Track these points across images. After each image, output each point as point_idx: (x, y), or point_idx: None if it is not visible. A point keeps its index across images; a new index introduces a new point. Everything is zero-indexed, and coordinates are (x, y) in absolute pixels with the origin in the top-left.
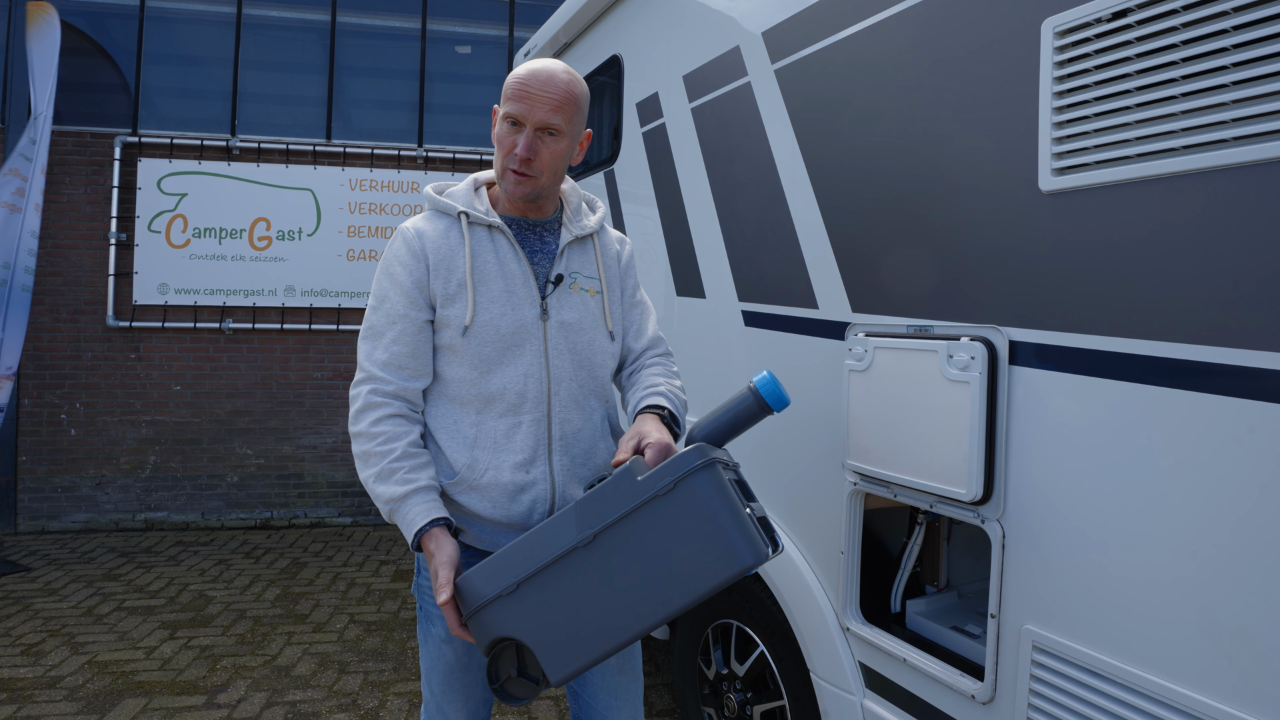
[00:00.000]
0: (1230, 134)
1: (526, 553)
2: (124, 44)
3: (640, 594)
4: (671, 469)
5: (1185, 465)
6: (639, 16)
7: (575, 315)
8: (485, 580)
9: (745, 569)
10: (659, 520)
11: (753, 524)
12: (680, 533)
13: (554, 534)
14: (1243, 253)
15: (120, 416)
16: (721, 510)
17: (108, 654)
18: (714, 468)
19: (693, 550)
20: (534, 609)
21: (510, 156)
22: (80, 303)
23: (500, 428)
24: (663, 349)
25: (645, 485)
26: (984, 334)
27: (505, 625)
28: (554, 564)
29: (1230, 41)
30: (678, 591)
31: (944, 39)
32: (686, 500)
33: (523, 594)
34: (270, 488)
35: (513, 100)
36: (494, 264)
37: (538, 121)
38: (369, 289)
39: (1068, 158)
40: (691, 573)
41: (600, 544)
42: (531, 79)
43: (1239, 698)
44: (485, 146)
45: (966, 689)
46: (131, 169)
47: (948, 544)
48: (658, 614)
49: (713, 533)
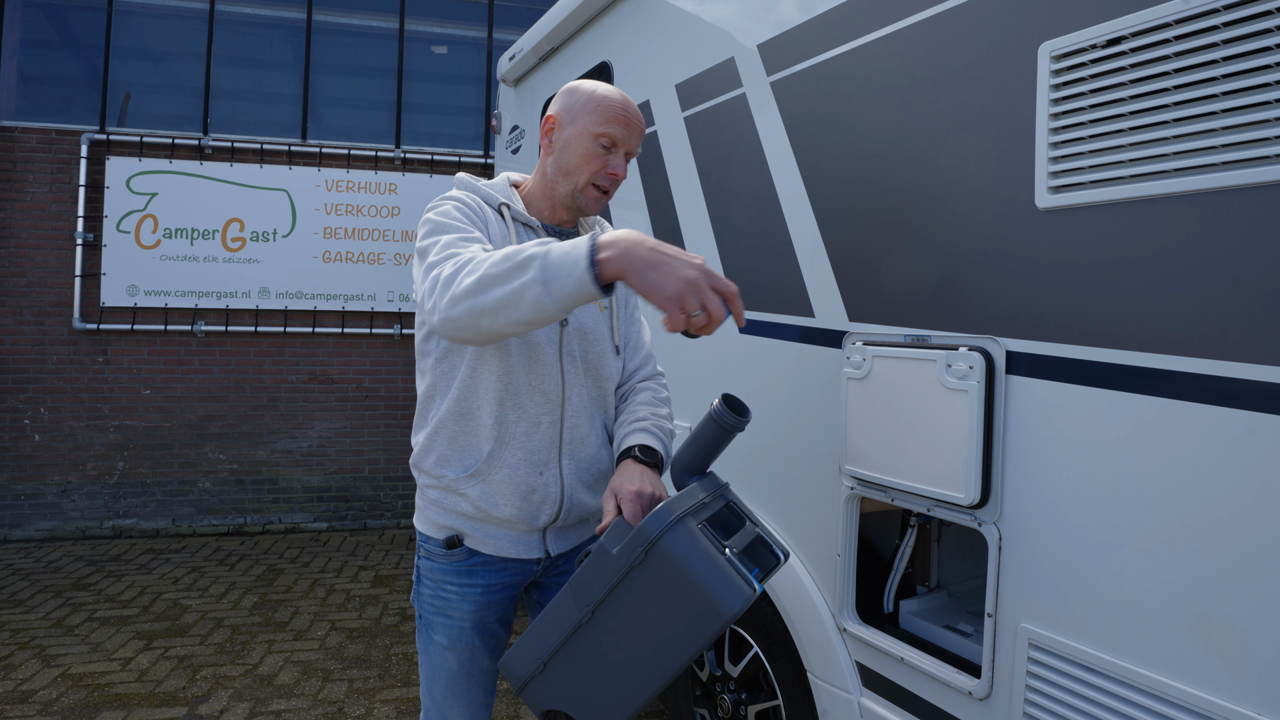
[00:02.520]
0: (1219, 159)
1: (544, 631)
2: (91, 38)
3: (649, 655)
4: (640, 538)
5: (1174, 470)
6: (629, 24)
7: (590, 324)
8: (520, 661)
9: (732, 617)
10: (641, 589)
11: (732, 567)
12: (663, 597)
13: (560, 613)
14: (1229, 270)
15: (87, 421)
16: (694, 569)
17: (81, 666)
18: (680, 526)
19: (679, 610)
20: (564, 681)
21: (601, 175)
22: (45, 304)
23: (522, 425)
24: (652, 368)
25: (620, 559)
26: (982, 344)
27: (548, 699)
28: (568, 642)
29: (1220, 71)
30: (679, 648)
31: (944, 57)
32: (659, 567)
33: (551, 671)
34: (243, 493)
35: (614, 124)
36: None
37: (631, 148)
38: (345, 291)
39: (1063, 176)
40: (685, 630)
41: (599, 618)
42: (629, 107)
43: (1228, 690)
44: (464, 149)
45: (963, 686)
46: (99, 167)
47: (938, 545)
48: (667, 671)
49: (691, 592)
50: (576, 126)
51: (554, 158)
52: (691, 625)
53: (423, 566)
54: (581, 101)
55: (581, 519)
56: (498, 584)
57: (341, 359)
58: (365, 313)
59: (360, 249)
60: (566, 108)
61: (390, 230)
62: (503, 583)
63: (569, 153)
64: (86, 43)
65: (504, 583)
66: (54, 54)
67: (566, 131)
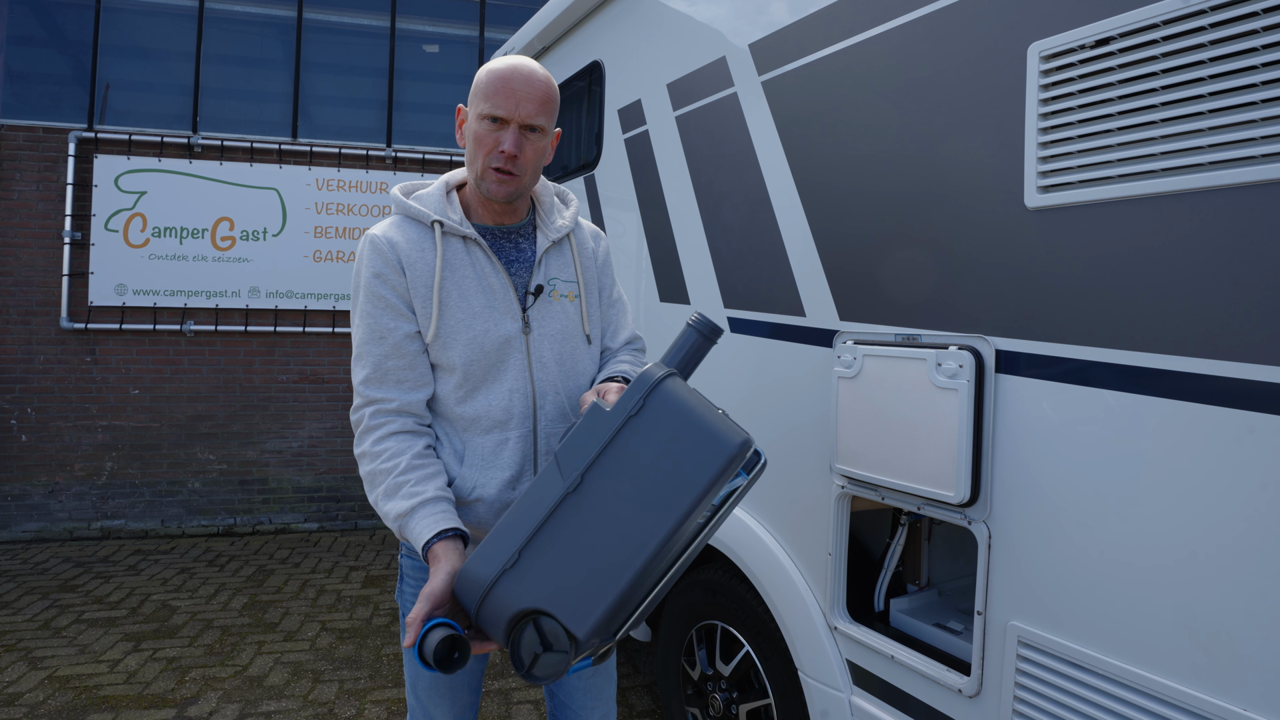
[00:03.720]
0: (1207, 158)
1: (518, 519)
2: (79, 35)
3: (641, 516)
4: (636, 388)
5: (1162, 468)
6: (621, 23)
7: (556, 325)
8: (484, 562)
9: (734, 453)
10: (638, 440)
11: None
12: (661, 443)
13: (541, 491)
14: (1216, 269)
15: (75, 421)
16: (694, 408)
17: (69, 668)
18: (675, 377)
19: (678, 455)
20: (541, 571)
21: (494, 155)
22: (32, 304)
23: (487, 445)
24: (639, 345)
25: (615, 412)
26: (971, 343)
27: (517, 599)
28: (549, 520)
29: (1207, 72)
30: (677, 499)
31: (934, 57)
32: (658, 411)
33: (525, 561)
34: (233, 494)
35: (495, 97)
36: (473, 278)
37: (523, 118)
38: (336, 290)
39: (1052, 176)
40: (684, 476)
41: (589, 483)
42: (514, 76)
43: (1215, 686)
44: (455, 147)
45: (954, 683)
46: (87, 166)
47: (928, 544)
48: (665, 526)
49: (692, 430)
50: (471, 112)
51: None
52: (691, 470)
53: (405, 565)
54: (475, 86)
55: None
56: None
57: (332, 359)
58: None
59: (352, 248)
60: (469, 97)
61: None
62: None
63: (468, 141)
64: (74, 40)
65: None
66: (41, 51)
67: (468, 122)
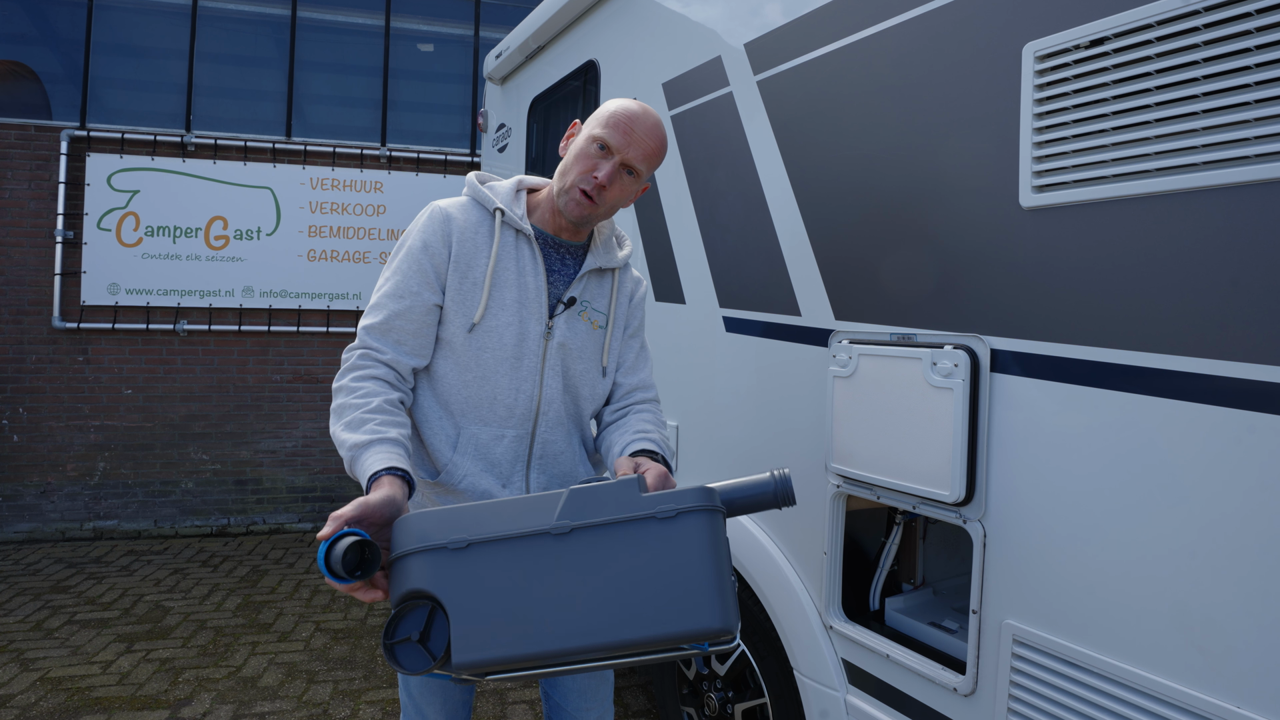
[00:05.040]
0: (1200, 158)
1: (491, 517)
2: (72, 33)
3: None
4: (679, 498)
5: (1157, 467)
6: (616, 22)
7: (577, 341)
8: (433, 527)
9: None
10: (646, 543)
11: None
12: (661, 564)
13: (530, 510)
14: (1210, 268)
15: (67, 421)
16: (712, 559)
17: (61, 670)
18: (719, 516)
19: (665, 587)
20: (473, 576)
21: (586, 177)
22: (24, 303)
23: (483, 436)
24: (653, 394)
25: (647, 503)
26: (967, 342)
27: (434, 580)
28: (517, 539)
29: (1200, 72)
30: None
31: (929, 57)
32: (683, 534)
33: (471, 554)
34: (227, 494)
35: (613, 129)
36: (513, 271)
37: (627, 158)
38: (330, 290)
39: (1047, 176)
40: (653, 610)
41: (574, 540)
42: (640, 118)
43: (1209, 684)
44: (450, 146)
45: (949, 682)
46: (80, 164)
47: (923, 543)
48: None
49: (694, 578)
50: (585, 131)
51: (561, 161)
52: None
53: None
54: (600, 111)
55: None
56: None
57: (326, 358)
58: (350, 311)
59: (345, 247)
60: (590, 116)
61: (376, 229)
62: None
63: (570, 153)
64: (67, 38)
65: None
66: (33, 49)
67: (578, 137)
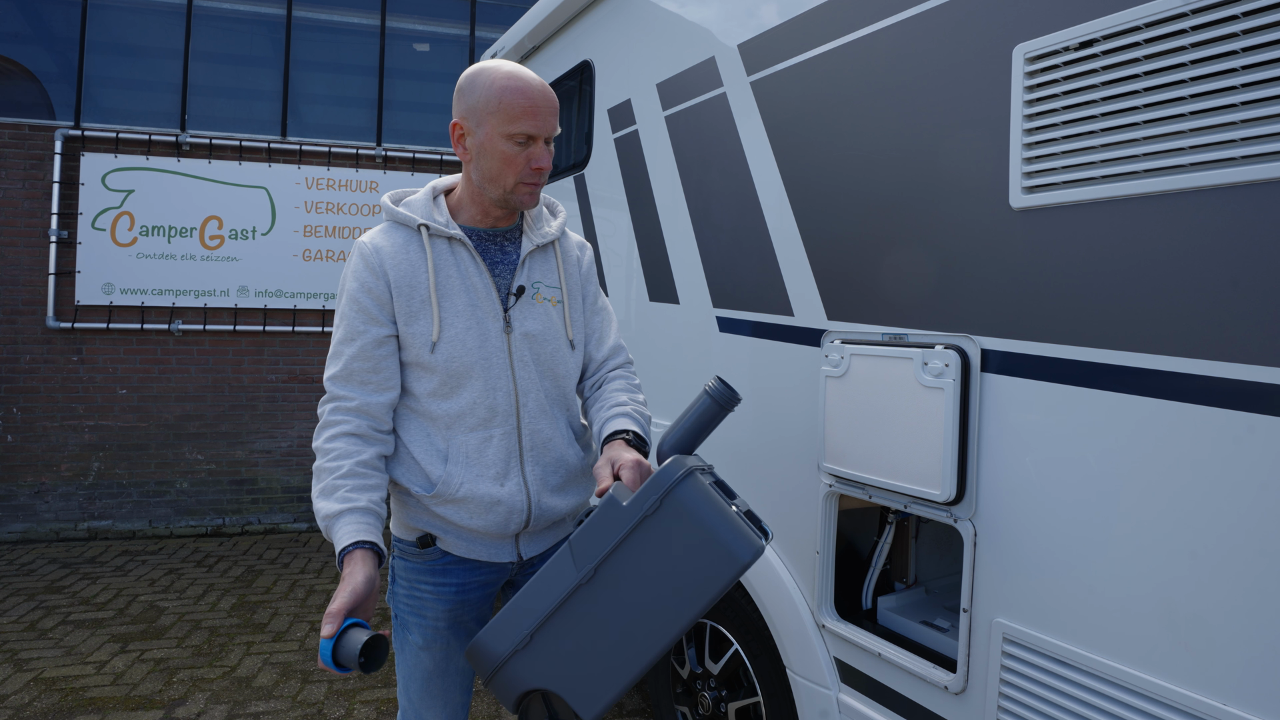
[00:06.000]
0: (1189, 160)
1: (531, 602)
2: (66, 31)
3: (651, 615)
4: (654, 487)
5: (1144, 466)
6: (610, 23)
7: (539, 326)
8: (497, 638)
9: (745, 565)
10: (653, 540)
11: (742, 519)
12: (676, 547)
13: (554, 577)
14: (1199, 269)
15: (61, 421)
16: (710, 515)
17: (55, 670)
18: (694, 476)
19: (692, 560)
20: (552, 655)
21: (527, 171)
22: (18, 303)
23: (471, 442)
24: (623, 358)
25: (632, 509)
26: (957, 342)
27: (528, 678)
28: (561, 607)
29: (1189, 74)
30: (687, 603)
31: (920, 59)
32: (675, 514)
33: (537, 644)
34: (222, 494)
35: (525, 119)
36: (456, 278)
37: (549, 133)
38: (325, 289)
39: (1037, 177)
40: (696, 582)
41: (602, 576)
42: (537, 94)
43: (1195, 681)
44: (445, 146)
45: (940, 680)
46: (74, 164)
47: (915, 542)
48: (672, 629)
49: (706, 539)
50: (486, 129)
51: (474, 165)
52: (703, 577)
53: (397, 566)
54: (483, 102)
55: (553, 523)
56: (472, 582)
57: (321, 358)
58: None
59: (341, 247)
60: (470, 110)
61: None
62: (478, 581)
63: (487, 158)
64: (61, 36)
65: (479, 581)
66: (28, 47)
67: (478, 136)
